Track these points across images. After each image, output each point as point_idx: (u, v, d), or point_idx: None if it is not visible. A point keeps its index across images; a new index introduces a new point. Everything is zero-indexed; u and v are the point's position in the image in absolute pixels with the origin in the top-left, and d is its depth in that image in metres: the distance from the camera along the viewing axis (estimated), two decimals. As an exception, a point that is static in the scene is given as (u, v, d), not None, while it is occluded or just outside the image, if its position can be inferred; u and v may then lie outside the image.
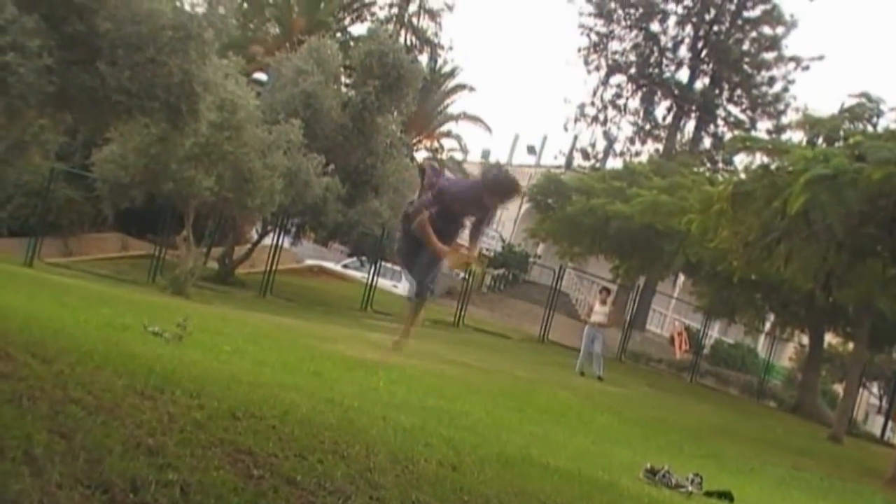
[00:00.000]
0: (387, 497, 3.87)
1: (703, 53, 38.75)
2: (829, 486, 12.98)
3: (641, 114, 40.65)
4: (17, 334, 5.17)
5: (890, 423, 29.54)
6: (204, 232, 25.98)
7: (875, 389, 33.21)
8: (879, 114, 17.01)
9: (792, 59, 37.49)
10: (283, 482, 3.62)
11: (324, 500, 3.59)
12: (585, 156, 41.99)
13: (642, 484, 7.25)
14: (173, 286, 19.72)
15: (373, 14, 39.24)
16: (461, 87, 44.07)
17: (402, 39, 35.00)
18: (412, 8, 40.40)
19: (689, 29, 38.92)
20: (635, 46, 39.62)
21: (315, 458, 4.05)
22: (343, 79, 27.76)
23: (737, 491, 8.08)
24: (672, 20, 39.12)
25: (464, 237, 7.92)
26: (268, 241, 27.10)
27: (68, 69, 13.93)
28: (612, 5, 39.33)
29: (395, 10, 39.69)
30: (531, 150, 49.70)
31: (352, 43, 32.82)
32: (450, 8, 40.99)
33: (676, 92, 39.39)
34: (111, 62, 14.08)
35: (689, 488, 7.62)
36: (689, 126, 40.69)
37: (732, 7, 37.71)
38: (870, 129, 16.93)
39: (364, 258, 28.14)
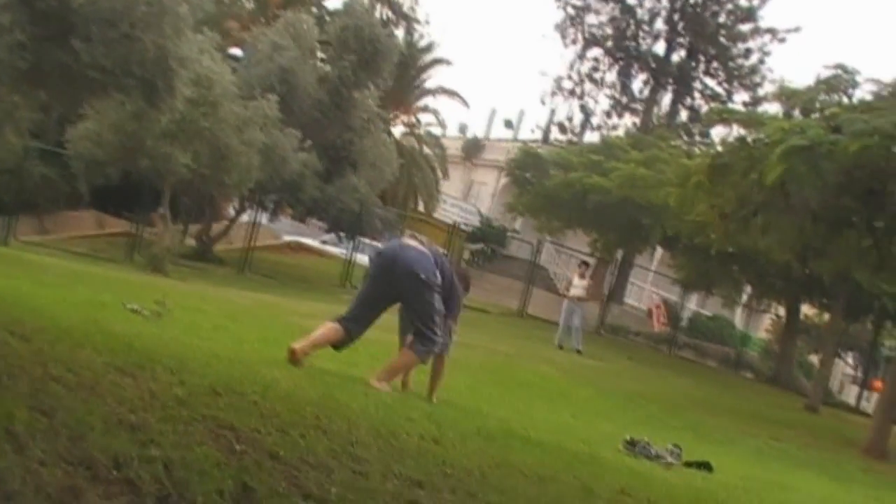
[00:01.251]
0: (369, 471, 3.89)
1: (680, 26, 38.61)
2: (807, 455, 13.14)
3: (618, 87, 40.52)
4: (-6, 313, 5.14)
5: (865, 393, 29.84)
6: (181, 209, 25.84)
7: (850, 360, 33.50)
8: (855, 85, 17.03)
9: (768, 30, 37.44)
10: (265, 457, 3.63)
11: (306, 474, 3.60)
12: (563, 130, 41.91)
13: (622, 455, 7.33)
14: (151, 264, 19.65)
15: (349, -12, 38.81)
16: (438, 61, 43.90)
17: (378, 14, 34.68)
18: (388, -18, 40.10)
19: (665, 1, 38.80)
20: (612, 19, 39.43)
21: (297, 433, 4.07)
22: (319, 54, 27.52)
23: (715, 461, 8.18)
24: (648, -8, 38.98)
25: None
26: (246, 217, 26.98)
27: (41, 45, 13.72)
28: (589, -22, 39.14)
29: (371, -16, 39.34)
30: (508, 124, 49.81)
31: (328, 17, 32.53)
32: (426, -18, 40.66)
33: (653, 65, 39.30)
34: (85, 38, 13.87)
35: (669, 459, 7.70)
36: (666, 99, 40.71)
37: (708, -21, 37.62)
38: (845, 100, 16.98)
39: (342, 234, 28.03)
